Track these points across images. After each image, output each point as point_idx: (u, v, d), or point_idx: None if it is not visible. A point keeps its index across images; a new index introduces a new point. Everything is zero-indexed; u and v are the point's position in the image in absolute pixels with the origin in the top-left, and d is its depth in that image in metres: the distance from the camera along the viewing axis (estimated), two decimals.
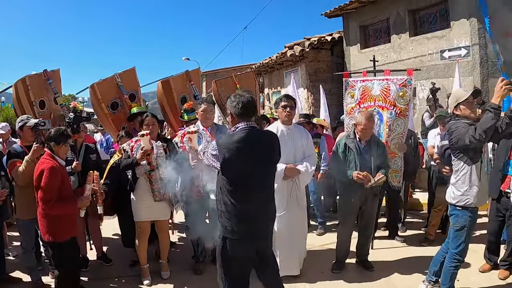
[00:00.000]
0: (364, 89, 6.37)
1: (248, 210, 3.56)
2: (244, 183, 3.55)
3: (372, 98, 6.32)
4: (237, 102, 3.64)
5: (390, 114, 6.21)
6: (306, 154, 5.25)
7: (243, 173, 3.54)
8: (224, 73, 18.29)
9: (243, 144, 3.49)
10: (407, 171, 6.89)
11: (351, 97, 6.50)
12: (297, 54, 14.00)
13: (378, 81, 6.38)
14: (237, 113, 3.63)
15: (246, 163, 3.51)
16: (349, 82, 6.56)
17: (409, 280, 5.21)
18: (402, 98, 6.22)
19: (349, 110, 6.53)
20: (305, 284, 5.12)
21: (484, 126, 3.98)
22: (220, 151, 3.50)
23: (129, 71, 6.67)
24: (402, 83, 6.23)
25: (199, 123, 5.43)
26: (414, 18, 11.68)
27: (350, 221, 5.51)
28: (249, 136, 3.56)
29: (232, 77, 7.42)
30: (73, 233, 4.44)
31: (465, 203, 4.32)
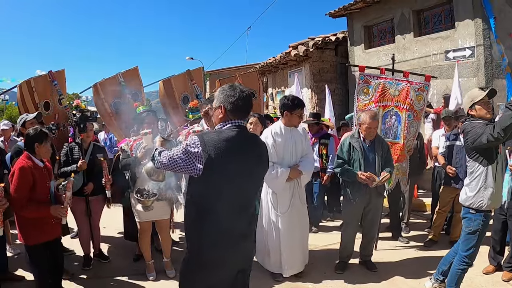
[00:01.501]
0: (383, 87, 6.32)
1: (230, 224, 2.97)
2: (229, 191, 2.94)
3: (391, 98, 6.30)
4: (237, 95, 3.06)
5: (409, 116, 6.22)
6: (304, 153, 5.30)
7: (230, 177, 2.92)
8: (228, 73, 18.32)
9: (233, 144, 2.92)
10: (413, 172, 6.91)
11: (365, 94, 6.41)
12: (301, 54, 13.97)
13: (397, 81, 6.35)
14: (233, 108, 3.04)
15: (235, 166, 2.93)
16: (363, 77, 6.45)
17: (412, 281, 5.18)
18: (418, 102, 6.27)
19: (361, 106, 6.41)
20: (308, 284, 5.10)
21: (503, 124, 3.87)
22: (205, 149, 2.84)
23: (132, 71, 6.67)
24: (420, 88, 6.26)
25: (203, 123, 5.42)
26: (419, 18, 11.64)
27: (354, 222, 5.50)
28: (241, 137, 3.01)
29: (236, 77, 7.41)
30: (46, 237, 4.36)
31: (478, 206, 4.23)
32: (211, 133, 3.01)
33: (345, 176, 5.29)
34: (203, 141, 2.86)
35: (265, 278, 5.25)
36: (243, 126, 3.12)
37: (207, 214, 2.94)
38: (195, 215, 2.99)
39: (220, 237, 2.95)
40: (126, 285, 5.18)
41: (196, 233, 2.99)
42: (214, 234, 2.94)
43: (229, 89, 3.11)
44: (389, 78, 6.46)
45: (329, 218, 8.07)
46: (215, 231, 2.94)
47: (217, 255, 2.98)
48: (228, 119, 3.05)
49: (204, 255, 3.00)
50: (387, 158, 5.40)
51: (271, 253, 5.28)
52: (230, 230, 2.98)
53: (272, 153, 5.01)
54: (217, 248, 2.96)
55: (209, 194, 2.93)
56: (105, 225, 6.80)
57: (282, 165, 5.07)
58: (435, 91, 10.91)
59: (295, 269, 5.28)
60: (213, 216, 2.93)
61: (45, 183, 4.38)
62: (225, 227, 2.95)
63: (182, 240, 6.87)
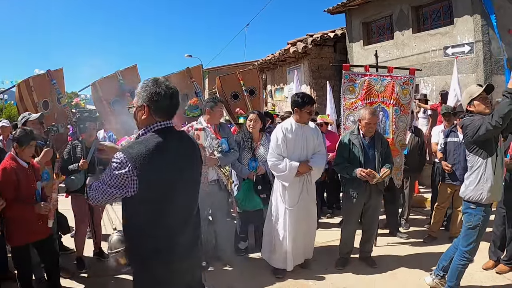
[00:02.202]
0: (368, 84, 6.34)
1: (177, 237, 2.70)
2: (170, 204, 2.65)
3: (377, 94, 6.32)
4: (163, 93, 2.65)
5: (396, 111, 6.24)
6: (317, 150, 5.35)
7: (168, 188, 2.63)
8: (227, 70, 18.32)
9: (164, 152, 2.60)
10: (413, 168, 6.93)
11: (350, 92, 6.42)
12: (299, 51, 13.98)
13: (381, 77, 6.37)
14: (158, 108, 2.65)
15: (172, 175, 2.63)
16: (348, 76, 6.45)
17: (413, 276, 5.21)
18: (405, 96, 6.29)
19: (348, 105, 6.44)
20: (309, 281, 5.11)
21: (501, 112, 3.89)
22: (135, 165, 2.46)
23: (131, 69, 6.66)
24: (405, 82, 6.28)
25: (201, 120, 5.42)
26: (417, 14, 11.64)
27: (354, 218, 5.51)
28: (171, 141, 2.66)
29: (236, 74, 7.40)
30: (33, 238, 4.39)
31: (478, 199, 4.23)
32: (137, 144, 2.56)
33: (345, 173, 5.29)
34: (131, 158, 2.47)
35: (266, 275, 5.28)
36: (171, 127, 2.73)
37: (153, 233, 2.63)
38: (139, 238, 2.67)
39: (169, 254, 2.67)
40: (126, 283, 5.12)
41: (143, 255, 2.68)
42: (163, 253, 2.65)
43: (153, 85, 2.67)
44: (374, 74, 6.48)
45: (329, 215, 8.08)
46: (164, 248, 2.65)
47: (169, 273, 2.70)
48: (153, 121, 2.66)
49: (156, 277, 2.68)
50: (386, 154, 5.41)
51: (276, 246, 5.33)
52: (177, 244, 2.70)
53: (282, 148, 5.15)
54: (168, 265, 2.68)
55: (150, 212, 2.60)
56: (105, 223, 6.78)
57: (292, 160, 5.15)
58: (434, 87, 10.93)
59: (299, 261, 5.40)
60: (159, 233, 2.64)
61: (30, 184, 4.39)
62: (173, 242, 2.68)
63: None
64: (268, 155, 5.35)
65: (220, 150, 5.28)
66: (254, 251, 6.05)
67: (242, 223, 5.98)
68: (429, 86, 11.11)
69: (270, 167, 5.31)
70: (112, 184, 2.50)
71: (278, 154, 5.19)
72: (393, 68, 6.72)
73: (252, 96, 7.28)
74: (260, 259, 5.78)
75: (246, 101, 7.14)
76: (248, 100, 7.16)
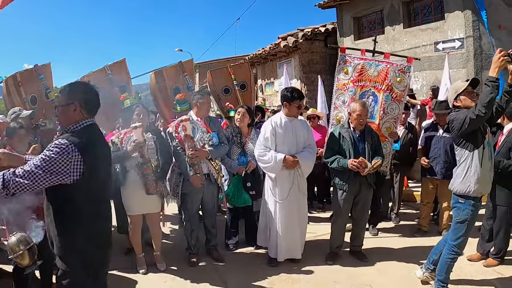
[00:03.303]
0: (362, 67, 6.34)
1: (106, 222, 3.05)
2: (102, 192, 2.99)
3: (369, 79, 6.32)
4: (91, 91, 2.99)
5: (387, 97, 6.25)
6: (307, 144, 5.39)
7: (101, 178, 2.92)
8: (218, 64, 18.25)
9: (97, 145, 2.92)
10: (403, 162, 6.97)
11: (344, 73, 6.45)
12: (290, 45, 13.96)
13: (377, 62, 6.38)
14: (88, 105, 2.93)
15: (103, 166, 2.97)
16: (344, 57, 6.48)
17: (403, 270, 5.22)
18: (399, 84, 6.27)
19: (340, 86, 6.49)
20: (300, 275, 5.11)
21: (484, 101, 3.94)
22: (81, 151, 2.70)
23: (119, 63, 6.60)
24: (401, 69, 6.27)
25: (191, 113, 5.40)
26: (408, 9, 11.67)
27: (344, 212, 5.50)
28: (99, 136, 3.03)
29: (227, 68, 7.35)
30: None
31: (466, 191, 4.23)
32: (76, 134, 2.79)
33: (336, 165, 5.29)
34: (77, 144, 2.70)
35: (258, 270, 5.28)
36: (96, 124, 3.02)
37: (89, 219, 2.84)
38: (75, 226, 2.82)
39: (102, 241, 2.98)
40: (116, 278, 5.13)
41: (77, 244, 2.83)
42: (96, 239, 2.90)
43: (81, 85, 3.04)
44: (370, 59, 6.51)
45: (319, 209, 8.08)
46: (97, 235, 2.92)
47: (100, 259, 3.04)
48: (83, 118, 2.91)
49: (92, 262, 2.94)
50: (376, 148, 5.43)
51: (271, 236, 5.41)
52: (107, 231, 3.08)
53: (270, 141, 5.23)
54: (101, 252, 3.00)
55: (87, 199, 2.80)
56: None
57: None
58: (424, 82, 10.97)
59: (290, 254, 5.42)
60: (95, 219, 2.88)
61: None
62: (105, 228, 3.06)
63: (172, 233, 6.86)
64: (255, 147, 5.40)
65: (211, 144, 5.26)
66: (245, 245, 6.06)
67: (232, 217, 5.99)
68: (419, 81, 11.15)
69: (256, 158, 5.37)
70: (52, 170, 2.63)
71: (265, 146, 5.23)
72: (390, 54, 6.74)
73: (243, 90, 7.25)
74: (251, 253, 5.82)
75: (237, 96, 7.11)
76: (239, 95, 7.13)
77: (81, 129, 2.85)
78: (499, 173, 5.04)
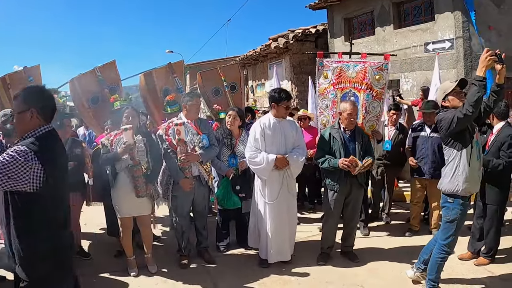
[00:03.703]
0: (340, 70, 6.36)
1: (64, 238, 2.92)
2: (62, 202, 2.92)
3: (348, 80, 6.35)
4: (47, 97, 2.92)
5: (367, 96, 6.28)
6: (296, 144, 5.39)
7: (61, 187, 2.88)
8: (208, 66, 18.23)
9: (57, 152, 2.86)
10: (394, 163, 7.01)
11: (324, 78, 6.45)
12: (281, 46, 13.97)
13: (354, 63, 6.42)
14: (45, 112, 2.83)
15: (61, 174, 2.88)
16: (322, 63, 6.48)
17: (394, 270, 5.24)
18: (378, 82, 6.31)
19: (321, 91, 6.49)
20: (291, 277, 5.10)
21: (470, 100, 3.95)
22: (41, 160, 2.62)
23: (109, 64, 6.55)
24: (378, 67, 6.32)
25: (181, 116, 5.38)
26: (399, 10, 11.70)
27: (335, 213, 5.49)
28: (58, 143, 2.94)
29: (217, 69, 7.35)
30: None
31: (454, 190, 4.25)
32: (36, 142, 2.69)
33: (327, 165, 5.28)
34: (37, 152, 2.62)
35: (249, 271, 5.27)
36: (54, 129, 2.91)
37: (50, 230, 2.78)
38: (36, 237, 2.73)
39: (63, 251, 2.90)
40: (108, 281, 5.12)
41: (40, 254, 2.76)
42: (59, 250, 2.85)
43: (36, 90, 2.91)
44: (347, 61, 6.55)
45: (311, 210, 8.09)
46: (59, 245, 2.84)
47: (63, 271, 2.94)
48: (40, 124, 2.80)
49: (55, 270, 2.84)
50: (367, 147, 5.43)
51: (261, 238, 5.41)
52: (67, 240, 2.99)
53: (260, 143, 5.23)
54: (63, 262, 2.92)
55: (47, 208, 2.75)
56: (86, 221, 6.72)
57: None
58: (414, 82, 11.00)
59: (280, 257, 5.39)
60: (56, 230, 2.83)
61: None
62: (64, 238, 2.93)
63: (163, 235, 6.83)
64: (246, 149, 5.38)
65: (201, 146, 5.24)
66: (236, 247, 6.05)
67: (223, 219, 5.99)
68: (409, 81, 11.18)
69: (247, 161, 5.36)
70: (9, 174, 2.54)
71: (256, 148, 5.23)
72: (366, 54, 6.80)
73: (233, 92, 7.25)
74: (242, 255, 5.82)
75: (227, 97, 7.11)
76: (230, 96, 7.13)
77: (40, 136, 2.75)
78: (488, 172, 5.08)
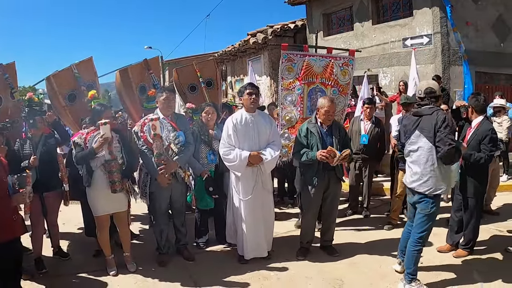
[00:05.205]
0: (307, 64, 6.34)
1: None
2: None
3: (315, 75, 6.38)
4: None
5: (334, 92, 6.40)
6: (271, 140, 5.36)
7: None
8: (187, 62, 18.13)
9: None
10: (372, 157, 7.08)
11: (288, 72, 6.40)
12: (260, 42, 13.98)
13: (320, 57, 6.44)
14: None
15: None
16: (286, 55, 6.37)
17: (373, 263, 5.28)
18: (344, 77, 6.44)
19: (286, 85, 6.43)
20: (270, 272, 5.11)
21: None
22: None
23: (86, 61, 6.45)
24: (344, 62, 6.41)
25: (158, 112, 5.32)
26: (377, 6, 11.78)
27: (314, 207, 5.49)
28: None
29: (193, 65, 7.30)
30: (5, 237, 4.05)
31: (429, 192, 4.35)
32: None
33: (305, 158, 5.26)
34: None
35: (228, 268, 5.25)
36: None
37: None
38: None
39: None
40: (87, 281, 5.07)
41: None
42: None
43: None
44: (313, 55, 6.55)
45: (290, 205, 8.09)
46: None
47: None
48: None
49: None
50: (345, 142, 5.42)
51: (238, 234, 5.42)
52: None
53: (233, 139, 5.21)
54: None
55: None
56: (65, 221, 6.64)
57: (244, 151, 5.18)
58: (393, 77, 11.09)
59: (256, 253, 5.39)
60: None
61: (2, 179, 4.19)
62: None
63: (142, 233, 6.77)
64: (220, 146, 5.35)
65: (177, 143, 5.19)
66: (215, 243, 6.04)
67: (201, 216, 5.95)
68: (388, 76, 11.26)
69: (221, 157, 5.32)
70: None
71: (230, 144, 5.21)
72: (332, 48, 6.86)
73: (209, 88, 7.21)
74: (222, 251, 5.81)
75: (204, 93, 7.06)
76: (206, 92, 7.08)
77: None
78: (469, 166, 5.14)
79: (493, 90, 9.97)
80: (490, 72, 10.75)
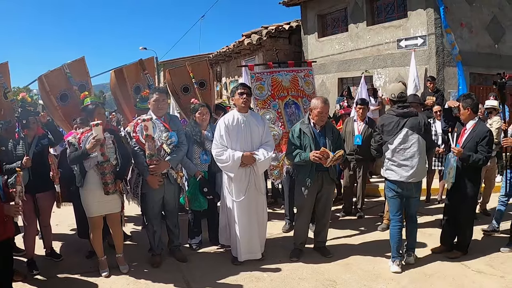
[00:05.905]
0: (274, 80, 6.56)
1: None
2: None
3: (285, 89, 6.60)
4: None
5: (305, 101, 6.64)
6: (264, 141, 5.35)
7: None
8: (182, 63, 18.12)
9: None
10: (366, 158, 7.06)
11: (260, 91, 6.51)
12: (254, 43, 13.98)
13: (284, 72, 6.68)
14: None
15: None
16: (254, 75, 6.57)
17: (367, 264, 5.27)
18: (308, 87, 6.79)
19: (261, 104, 6.48)
20: (263, 273, 5.09)
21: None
22: None
23: (78, 61, 6.42)
24: (305, 74, 6.78)
25: (151, 112, 5.30)
26: (372, 7, 11.80)
27: (307, 208, 5.48)
28: None
29: (186, 66, 7.28)
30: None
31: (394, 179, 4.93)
32: None
33: (298, 159, 5.25)
34: None
35: (221, 269, 5.24)
36: None
37: None
38: None
39: None
40: (79, 282, 5.04)
41: None
42: None
43: None
44: (278, 70, 6.76)
45: (283, 206, 8.06)
46: None
47: None
48: None
49: None
50: (338, 143, 5.40)
51: (232, 236, 5.41)
52: None
53: (225, 139, 5.19)
54: None
55: None
56: (58, 222, 6.61)
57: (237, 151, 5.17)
58: (387, 78, 11.10)
59: (250, 255, 5.37)
60: None
61: None
62: None
63: (134, 234, 6.74)
64: (212, 146, 5.33)
65: (169, 143, 5.17)
66: (208, 244, 6.01)
67: (194, 217, 5.93)
68: (382, 77, 11.28)
69: (214, 158, 5.30)
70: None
71: (222, 145, 5.19)
72: (293, 62, 7.13)
73: (202, 89, 7.20)
74: (215, 252, 5.79)
75: (196, 94, 7.05)
76: (199, 93, 7.07)
77: None
78: (466, 167, 5.14)
79: (487, 91, 9.98)
80: (485, 73, 10.78)
